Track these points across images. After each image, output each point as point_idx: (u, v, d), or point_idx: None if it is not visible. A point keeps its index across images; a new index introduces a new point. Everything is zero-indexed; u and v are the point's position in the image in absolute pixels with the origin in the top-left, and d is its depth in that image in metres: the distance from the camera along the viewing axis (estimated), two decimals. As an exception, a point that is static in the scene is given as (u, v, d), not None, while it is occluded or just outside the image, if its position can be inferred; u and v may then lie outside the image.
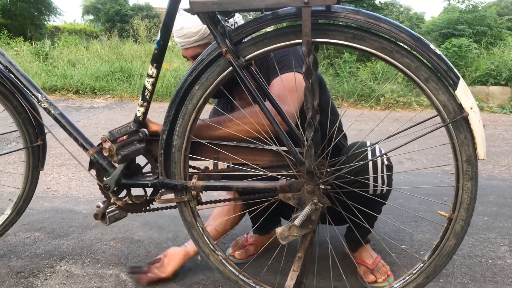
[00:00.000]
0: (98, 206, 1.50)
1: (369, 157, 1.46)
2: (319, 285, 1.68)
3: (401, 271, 1.75)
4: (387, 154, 1.48)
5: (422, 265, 1.29)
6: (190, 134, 1.33)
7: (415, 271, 1.30)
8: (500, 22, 9.78)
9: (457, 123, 1.13)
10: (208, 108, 1.57)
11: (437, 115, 1.17)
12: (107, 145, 1.35)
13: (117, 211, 1.53)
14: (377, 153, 1.49)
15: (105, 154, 1.36)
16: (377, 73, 7.01)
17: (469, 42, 7.59)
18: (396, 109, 6.07)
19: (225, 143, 1.41)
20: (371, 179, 1.45)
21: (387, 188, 1.50)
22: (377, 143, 1.34)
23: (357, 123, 4.78)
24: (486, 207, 2.45)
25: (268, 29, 1.19)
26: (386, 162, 1.49)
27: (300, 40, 1.12)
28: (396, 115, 5.57)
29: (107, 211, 1.50)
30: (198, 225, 1.44)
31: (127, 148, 1.39)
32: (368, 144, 1.50)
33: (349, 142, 1.69)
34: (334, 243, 1.99)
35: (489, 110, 6.06)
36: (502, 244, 2.01)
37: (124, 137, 1.39)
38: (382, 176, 1.47)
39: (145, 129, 1.43)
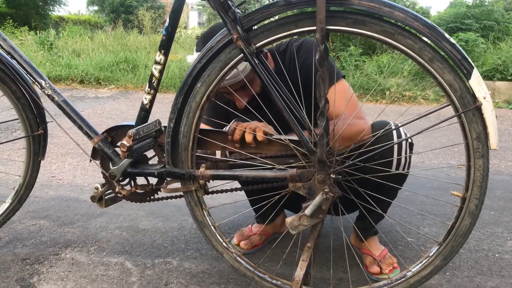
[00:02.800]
0: (97, 188, 1.49)
1: (394, 137, 1.46)
2: (325, 276, 1.67)
3: (407, 263, 1.74)
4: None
5: (438, 247, 1.28)
6: (196, 132, 1.32)
7: (432, 253, 1.29)
8: (507, 17, 9.68)
9: (467, 108, 1.12)
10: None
11: (448, 105, 1.15)
12: (129, 142, 1.32)
13: (113, 195, 1.51)
14: (402, 134, 1.50)
15: (123, 149, 1.34)
16: (382, 67, 6.97)
17: (476, 36, 7.53)
18: (401, 103, 6.04)
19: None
20: (395, 160, 1.44)
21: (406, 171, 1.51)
22: (400, 126, 1.34)
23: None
24: (493, 202, 2.44)
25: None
26: (409, 140, 1.49)
27: (313, 28, 1.10)
28: (401, 109, 5.54)
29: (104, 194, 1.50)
30: (210, 224, 1.43)
31: (138, 145, 1.39)
32: (392, 125, 1.48)
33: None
34: (339, 234, 1.99)
35: (495, 106, 6.01)
36: (509, 239, 2.00)
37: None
38: (405, 156, 1.47)
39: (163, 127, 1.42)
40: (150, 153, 1.50)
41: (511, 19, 9.71)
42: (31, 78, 1.50)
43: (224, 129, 1.45)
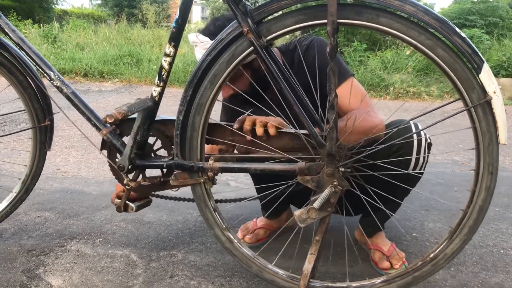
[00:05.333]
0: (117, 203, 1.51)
1: (414, 136, 1.45)
2: (330, 270, 1.67)
3: (412, 258, 1.75)
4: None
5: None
6: (205, 125, 1.32)
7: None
8: (512, 14, 9.66)
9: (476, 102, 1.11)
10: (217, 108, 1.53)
11: (459, 99, 1.15)
12: (120, 116, 1.31)
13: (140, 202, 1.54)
14: (422, 135, 1.50)
15: (109, 120, 1.31)
16: (387, 63, 6.96)
17: (480, 33, 7.51)
18: (405, 99, 6.02)
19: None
20: (413, 158, 1.44)
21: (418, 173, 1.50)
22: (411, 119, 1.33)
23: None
24: (498, 198, 2.43)
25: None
26: (428, 140, 1.48)
27: (324, 21, 1.10)
28: (405, 105, 5.53)
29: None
30: (219, 221, 1.43)
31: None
32: (412, 124, 1.47)
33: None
34: (342, 228, 1.99)
35: (500, 102, 6.00)
36: (513, 235, 2.00)
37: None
38: (424, 156, 1.47)
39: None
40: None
41: (516, 16, 9.67)
42: (40, 69, 1.50)
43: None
